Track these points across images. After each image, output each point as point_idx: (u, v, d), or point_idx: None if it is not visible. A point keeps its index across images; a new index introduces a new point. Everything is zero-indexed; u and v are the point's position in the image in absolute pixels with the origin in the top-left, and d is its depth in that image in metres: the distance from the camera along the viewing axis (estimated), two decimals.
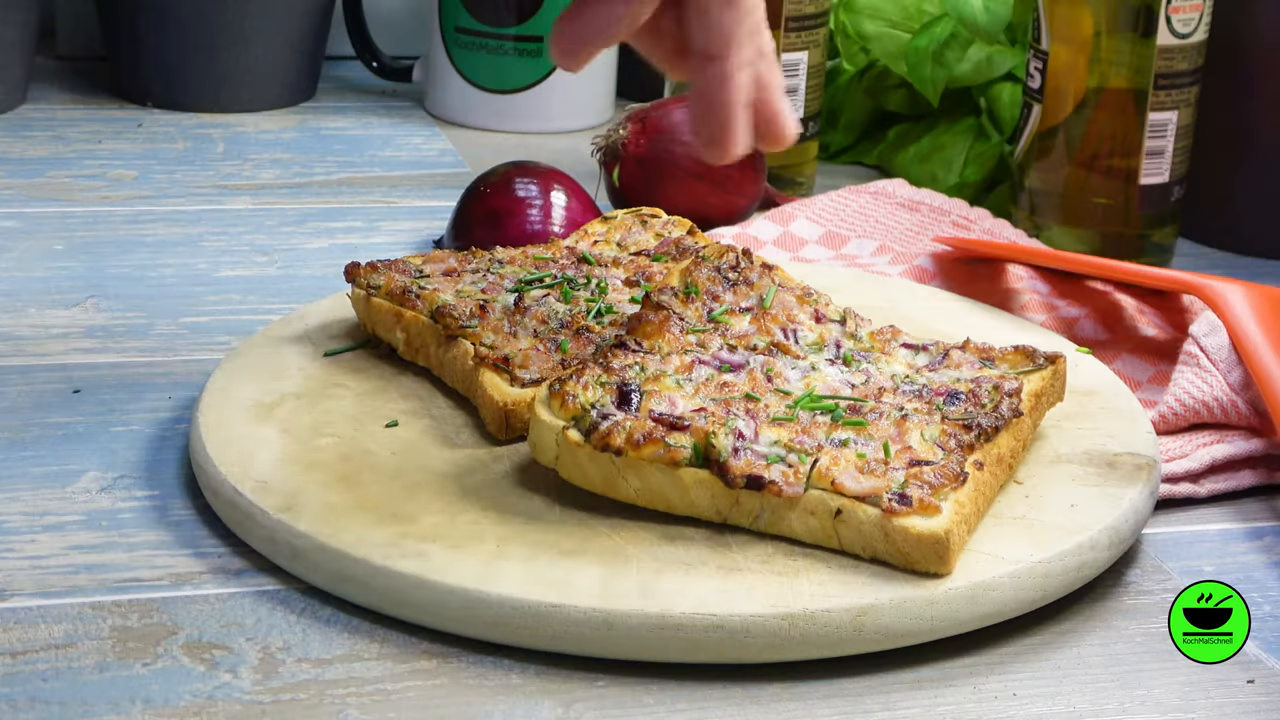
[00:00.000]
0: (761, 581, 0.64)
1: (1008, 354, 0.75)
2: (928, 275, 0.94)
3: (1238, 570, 0.71)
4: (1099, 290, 0.91)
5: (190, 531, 0.70)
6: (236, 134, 1.21)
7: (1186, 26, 0.98)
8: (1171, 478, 0.76)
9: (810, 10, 1.09)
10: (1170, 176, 1.01)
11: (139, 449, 0.76)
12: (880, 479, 0.66)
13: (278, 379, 0.77)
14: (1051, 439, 0.74)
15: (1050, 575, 0.65)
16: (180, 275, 0.96)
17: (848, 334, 0.76)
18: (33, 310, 0.90)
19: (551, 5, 1.22)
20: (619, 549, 0.65)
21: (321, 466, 0.70)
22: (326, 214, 1.06)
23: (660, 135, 1.02)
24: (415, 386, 0.78)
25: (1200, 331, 0.81)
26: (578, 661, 0.62)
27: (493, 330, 0.77)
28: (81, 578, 0.66)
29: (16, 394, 0.80)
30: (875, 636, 0.63)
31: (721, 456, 0.66)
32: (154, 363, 0.85)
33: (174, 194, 1.08)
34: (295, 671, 0.61)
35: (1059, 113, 1.02)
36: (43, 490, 0.72)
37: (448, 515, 0.67)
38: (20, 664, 0.61)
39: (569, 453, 0.68)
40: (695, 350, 0.73)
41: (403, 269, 0.81)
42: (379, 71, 1.30)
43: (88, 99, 1.27)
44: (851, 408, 0.70)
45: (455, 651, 0.63)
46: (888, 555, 0.65)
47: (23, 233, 1.00)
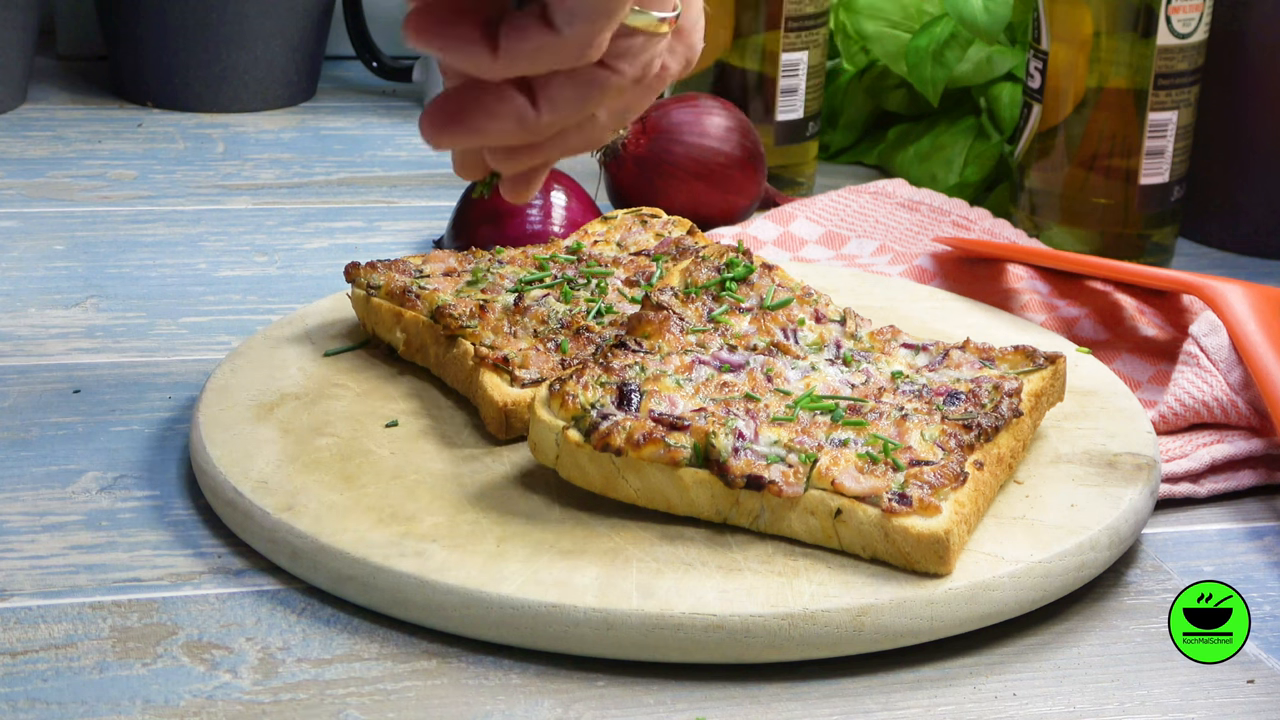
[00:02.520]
0: (761, 581, 0.64)
1: (1008, 354, 0.75)
2: (928, 275, 0.94)
3: (1238, 570, 0.71)
4: (1099, 290, 0.91)
5: (190, 531, 0.70)
6: (236, 134, 1.21)
7: (1186, 26, 0.98)
8: (1171, 478, 0.76)
9: (810, 10, 1.09)
10: (1170, 176, 1.01)
11: (139, 449, 0.76)
12: (880, 479, 0.66)
13: (278, 379, 0.77)
14: (1051, 439, 0.74)
15: (1050, 575, 0.65)
16: (180, 275, 0.96)
17: (848, 334, 0.76)
18: (33, 310, 0.90)
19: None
20: (619, 549, 0.65)
21: (321, 466, 0.70)
22: (326, 214, 1.06)
23: (660, 135, 1.02)
24: (415, 386, 0.78)
25: (1200, 331, 0.81)
26: (578, 661, 0.62)
27: (493, 330, 0.77)
28: (81, 578, 0.66)
29: (16, 394, 0.80)
30: (875, 636, 0.63)
31: (721, 456, 0.66)
32: (154, 363, 0.85)
33: (174, 194, 1.08)
34: (295, 671, 0.61)
35: (1059, 113, 1.02)
36: (43, 490, 0.72)
37: (448, 515, 0.67)
38: (20, 664, 0.61)
39: (569, 453, 0.68)
40: (695, 350, 0.73)
41: (403, 269, 0.81)
42: (379, 71, 1.30)
43: (88, 99, 1.27)
44: (851, 408, 0.70)
45: (455, 651, 0.63)
46: (888, 555, 0.65)
47: (23, 233, 1.00)
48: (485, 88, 0.61)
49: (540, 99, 0.61)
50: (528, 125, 0.62)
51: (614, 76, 0.62)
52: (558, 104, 0.61)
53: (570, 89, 0.61)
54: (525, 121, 0.61)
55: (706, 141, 1.01)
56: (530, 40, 0.59)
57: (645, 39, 0.62)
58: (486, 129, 0.62)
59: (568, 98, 0.61)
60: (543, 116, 0.61)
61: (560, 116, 0.62)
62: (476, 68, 0.60)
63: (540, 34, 0.59)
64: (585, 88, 0.62)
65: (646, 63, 0.63)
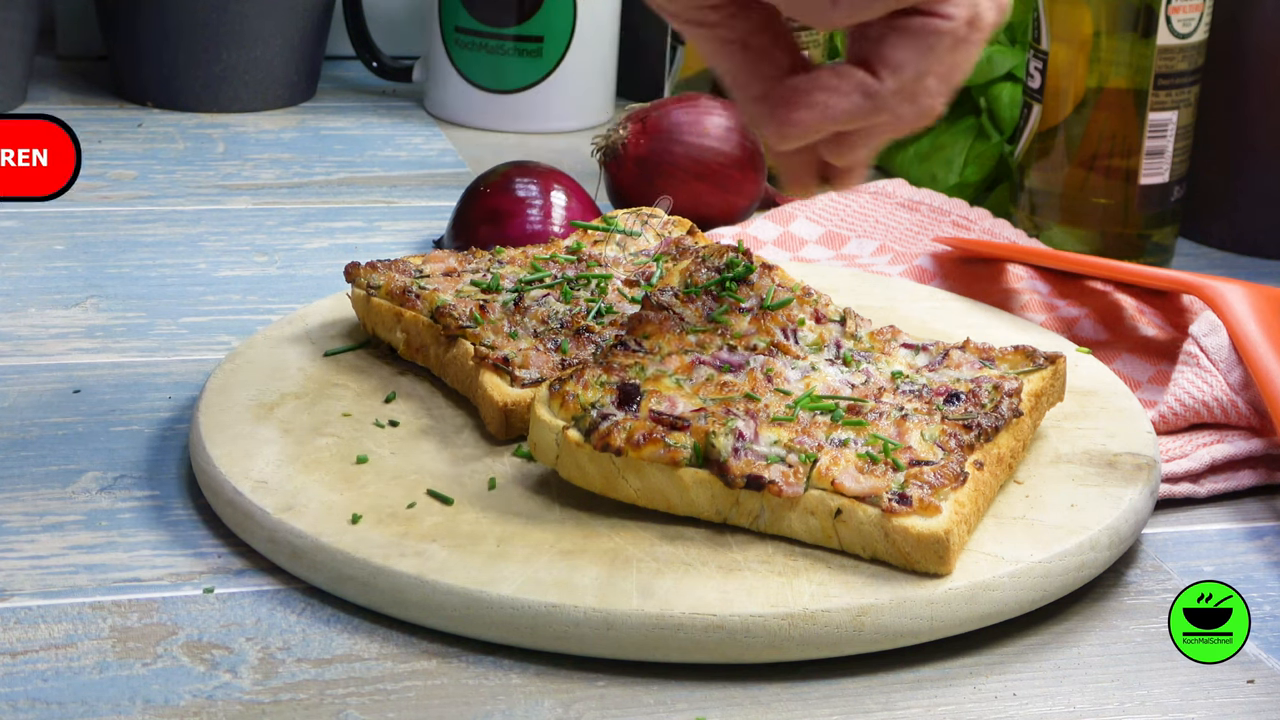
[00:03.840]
0: (761, 581, 0.64)
1: (1008, 354, 0.75)
2: (928, 275, 0.94)
3: (1238, 570, 0.71)
4: (1099, 290, 0.91)
5: (190, 531, 0.70)
6: (236, 134, 1.21)
7: (1186, 26, 0.98)
8: (1171, 478, 0.76)
9: None
10: (1170, 176, 1.01)
11: (139, 449, 0.76)
12: (880, 479, 0.66)
13: (278, 379, 0.77)
14: (1051, 439, 0.74)
15: (1050, 575, 0.65)
16: (180, 275, 0.96)
17: (848, 334, 0.76)
18: (33, 310, 0.90)
19: (551, 5, 1.22)
20: (619, 549, 0.65)
21: (321, 466, 0.70)
22: (326, 214, 1.06)
23: (660, 135, 1.02)
24: (415, 386, 0.78)
25: (1200, 331, 0.81)
26: (578, 661, 0.62)
27: (493, 330, 0.77)
28: (81, 578, 0.66)
29: (16, 394, 0.80)
30: (875, 636, 0.63)
31: (721, 456, 0.66)
32: (154, 363, 0.85)
33: (174, 194, 1.08)
34: (295, 671, 0.61)
35: (1059, 113, 1.02)
36: (43, 490, 0.72)
37: (448, 515, 0.67)
38: (20, 664, 0.61)
39: (569, 453, 0.68)
40: (695, 350, 0.73)
41: (403, 269, 0.81)
42: (379, 71, 1.30)
43: (88, 99, 1.27)
44: (851, 408, 0.70)
45: (455, 651, 0.63)
46: (888, 555, 0.65)
47: (23, 233, 1.00)
48: (816, 74, 0.61)
49: (878, 66, 0.60)
50: (873, 95, 0.61)
51: (946, 23, 0.60)
52: (898, 66, 0.60)
53: (908, 47, 0.60)
54: (870, 91, 0.61)
55: (706, 141, 1.01)
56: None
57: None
58: (833, 106, 0.61)
59: (907, 57, 0.60)
60: (886, 83, 0.61)
61: (902, 80, 0.61)
62: (816, 14, 0.59)
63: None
64: (922, 42, 0.60)
65: (973, 3, 0.61)
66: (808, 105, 0.61)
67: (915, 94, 0.63)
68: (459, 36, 1.24)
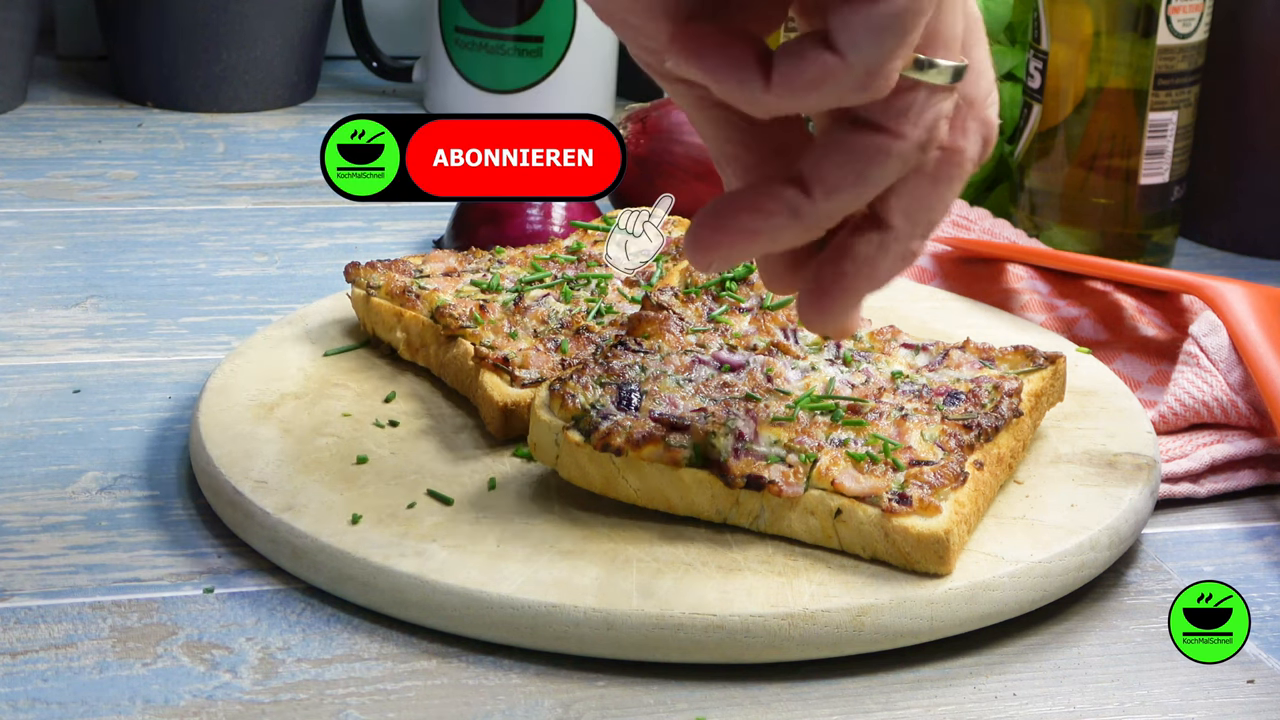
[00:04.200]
0: (761, 581, 0.64)
1: (1008, 354, 0.75)
2: (928, 275, 0.94)
3: (1238, 570, 0.71)
4: (1099, 290, 0.91)
5: (190, 531, 0.70)
6: (236, 134, 1.21)
7: (1186, 26, 0.98)
8: (1171, 478, 0.76)
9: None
10: (1170, 176, 1.01)
11: (139, 449, 0.76)
12: (880, 479, 0.66)
13: (278, 379, 0.77)
14: (1051, 439, 0.74)
15: (1050, 575, 0.65)
16: (180, 275, 0.96)
17: None
18: (33, 310, 0.90)
19: (552, 5, 1.22)
20: (619, 549, 0.65)
21: (321, 466, 0.70)
22: (326, 214, 1.06)
23: (660, 135, 1.02)
24: (415, 386, 0.78)
25: (1200, 331, 0.81)
26: (578, 661, 0.62)
27: (493, 330, 0.77)
28: (81, 578, 0.66)
29: (16, 394, 0.80)
30: (875, 636, 0.62)
31: (721, 456, 0.66)
32: (154, 363, 0.85)
33: (174, 194, 1.08)
34: (295, 671, 0.61)
35: (1059, 113, 1.02)
36: (43, 490, 0.72)
37: (448, 515, 0.67)
38: (20, 664, 0.61)
39: (569, 453, 0.68)
40: (695, 350, 0.73)
41: (403, 269, 0.81)
42: (379, 71, 1.30)
43: (88, 99, 1.27)
44: (851, 408, 0.70)
45: (455, 651, 0.63)
46: (888, 555, 0.65)
47: (23, 233, 1.00)
48: (746, 190, 0.54)
49: (811, 182, 0.53)
50: (802, 215, 0.53)
51: (894, 142, 0.52)
52: (832, 184, 0.53)
53: (844, 164, 0.52)
54: (799, 211, 0.53)
55: None
56: (809, 66, 0.50)
57: (926, 94, 0.52)
58: (757, 229, 0.53)
59: (842, 175, 0.52)
60: (818, 203, 0.53)
61: (838, 201, 0.53)
62: (746, 98, 0.51)
63: (821, 59, 0.50)
64: (861, 160, 0.52)
65: (931, 125, 0.53)
66: (726, 229, 0.54)
67: (884, 242, 0.55)
68: (459, 36, 1.24)
